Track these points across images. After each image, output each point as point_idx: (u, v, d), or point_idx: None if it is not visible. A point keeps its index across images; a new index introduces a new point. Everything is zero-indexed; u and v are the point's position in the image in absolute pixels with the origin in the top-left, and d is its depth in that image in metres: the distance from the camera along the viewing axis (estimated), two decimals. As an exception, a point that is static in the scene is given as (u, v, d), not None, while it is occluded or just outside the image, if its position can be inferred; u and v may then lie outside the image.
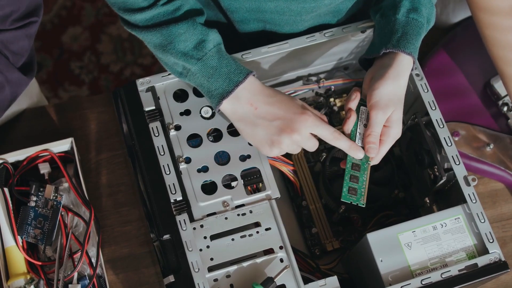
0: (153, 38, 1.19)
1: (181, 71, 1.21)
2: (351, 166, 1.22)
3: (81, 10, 2.71)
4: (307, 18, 1.32)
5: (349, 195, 1.21)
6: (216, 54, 1.19)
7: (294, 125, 1.17)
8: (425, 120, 1.29)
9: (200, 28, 1.19)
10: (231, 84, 1.17)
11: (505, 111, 1.51)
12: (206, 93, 1.20)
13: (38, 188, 1.31)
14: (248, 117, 1.19)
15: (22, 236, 1.29)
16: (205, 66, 1.18)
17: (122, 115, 1.27)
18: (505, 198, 1.49)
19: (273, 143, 1.18)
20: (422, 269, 1.19)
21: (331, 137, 1.18)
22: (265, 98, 1.19)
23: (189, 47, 1.18)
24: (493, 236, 1.20)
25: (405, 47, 1.20)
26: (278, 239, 1.19)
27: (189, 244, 1.16)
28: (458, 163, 1.24)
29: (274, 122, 1.18)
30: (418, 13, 1.23)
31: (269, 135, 1.18)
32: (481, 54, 1.51)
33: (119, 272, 1.37)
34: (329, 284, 1.17)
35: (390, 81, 1.19)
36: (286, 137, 1.17)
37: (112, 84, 2.61)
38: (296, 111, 1.17)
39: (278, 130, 1.17)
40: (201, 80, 1.19)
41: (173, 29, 1.18)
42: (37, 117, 1.48)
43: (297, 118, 1.17)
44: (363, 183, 1.21)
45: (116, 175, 1.44)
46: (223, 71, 1.18)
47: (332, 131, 1.18)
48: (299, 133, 1.17)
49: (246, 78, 1.18)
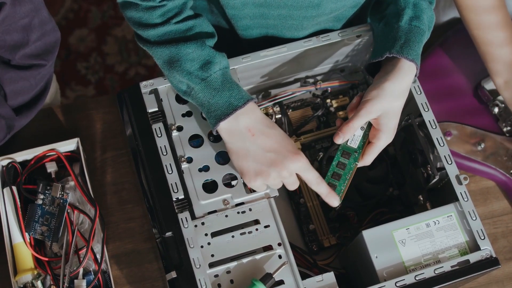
0: (162, 54, 1.20)
1: (185, 89, 1.21)
2: (337, 164, 1.21)
3: (87, 13, 2.71)
4: (308, 25, 1.31)
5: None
6: (220, 77, 1.18)
7: (286, 162, 1.16)
8: (418, 121, 1.29)
9: (208, 50, 1.19)
10: (230, 108, 1.16)
11: (496, 112, 1.51)
12: (206, 113, 1.19)
13: (45, 187, 1.30)
14: (243, 142, 1.17)
15: (30, 233, 1.29)
16: (208, 87, 1.18)
17: (126, 117, 1.26)
18: (496, 196, 1.49)
19: (260, 173, 1.17)
20: (416, 265, 1.18)
21: (314, 182, 1.18)
22: (264, 128, 1.18)
23: (195, 67, 1.18)
24: (484, 233, 1.20)
25: (408, 53, 1.19)
26: (276, 236, 1.18)
27: (190, 241, 1.15)
28: (450, 162, 1.24)
29: (267, 153, 1.16)
30: (420, 21, 1.23)
31: (259, 165, 1.17)
32: (473, 56, 1.50)
33: (123, 268, 1.36)
34: (326, 280, 1.16)
35: (386, 92, 1.18)
36: (275, 171, 1.16)
37: (117, 84, 2.61)
38: (291, 150, 1.17)
39: (270, 162, 1.16)
40: (203, 100, 1.18)
41: (182, 47, 1.18)
42: (44, 118, 1.47)
43: (291, 156, 1.16)
44: (344, 182, 1.20)
45: (120, 174, 1.43)
46: (224, 94, 1.17)
47: (317, 177, 1.18)
48: (288, 171, 1.16)
49: (245, 104, 1.17)
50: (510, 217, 1.47)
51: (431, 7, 1.27)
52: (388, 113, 1.19)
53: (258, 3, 1.25)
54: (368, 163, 1.23)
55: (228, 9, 1.28)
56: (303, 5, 1.25)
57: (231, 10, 1.28)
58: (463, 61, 1.57)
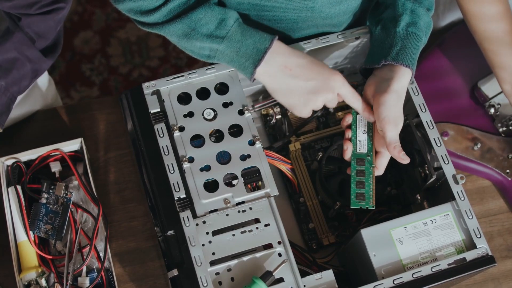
0: (176, 29, 1.19)
1: (208, 53, 1.21)
2: (356, 173, 1.21)
3: (91, 15, 2.71)
4: (304, 26, 1.32)
5: (357, 201, 1.21)
6: (238, 29, 1.18)
7: (329, 84, 1.19)
8: (415, 121, 1.28)
9: (217, 9, 1.19)
10: (260, 52, 1.17)
11: (492, 113, 1.51)
12: (238, 67, 1.20)
13: (49, 186, 1.30)
14: (284, 78, 1.19)
15: (34, 231, 1.28)
16: (231, 42, 1.18)
17: (129, 117, 1.26)
18: (492, 195, 1.49)
19: (308, 101, 1.20)
20: (413, 263, 1.18)
21: (351, 96, 1.21)
22: (297, 60, 1.19)
23: (211, 29, 1.18)
24: (480, 232, 1.19)
25: (404, 60, 1.20)
26: (276, 234, 1.18)
27: (192, 240, 1.15)
28: (447, 162, 1.24)
29: (309, 82, 1.18)
30: (417, 27, 1.23)
31: (305, 95, 1.19)
32: (470, 58, 1.50)
33: (126, 265, 1.36)
34: (325, 277, 1.16)
35: (395, 95, 1.19)
36: (321, 95, 1.19)
37: (121, 85, 2.60)
38: (327, 71, 1.19)
39: (314, 89, 1.19)
40: (231, 56, 1.19)
41: (192, 15, 1.18)
42: (48, 118, 1.47)
43: (330, 77, 1.19)
44: (370, 187, 1.20)
45: (123, 173, 1.43)
46: (249, 42, 1.17)
47: (354, 91, 1.22)
48: (333, 91, 1.19)
49: (272, 44, 1.17)
50: (506, 215, 1.47)
51: (428, 14, 1.27)
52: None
53: (253, 4, 1.25)
54: (382, 172, 1.24)
55: None
56: (297, 8, 1.25)
57: None
58: (460, 63, 1.56)
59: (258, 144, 1.24)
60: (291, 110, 1.23)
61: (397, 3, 1.25)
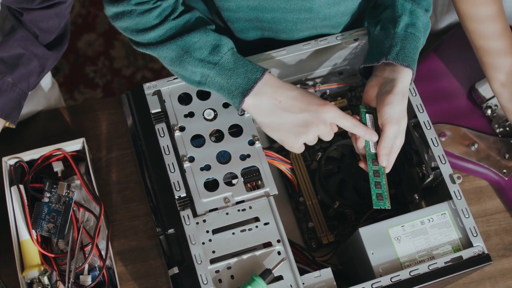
0: (169, 52, 1.18)
1: (199, 79, 1.19)
2: (373, 173, 1.19)
3: (95, 18, 2.71)
4: (302, 28, 1.31)
5: (378, 201, 1.18)
6: (231, 57, 1.17)
7: (320, 116, 1.15)
8: (413, 122, 1.28)
9: (212, 34, 1.18)
10: (250, 82, 1.15)
11: (489, 114, 1.51)
12: (227, 95, 1.17)
13: (52, 185, 1.30)
14: (273, 111, 1.17)
15: (37, 230, 1.28)
16: (222, 69, 1.16)
17: (130, 117, 1.26)
18: (489, 195, 1.48)
19: (299, 134, 1.16)
20: (411, 261, 1.18)
21: (351, 126, 1.17)
22: (287, 92, 1.16)
23: (205, 54, 1.16)
24: (477, 231, 1.19)
25: (404, 60, 1.19)
26: (275, 233, 1.18)
27: (192, 238, 1.15)
28: (444, 162, 1.23)
29: (298, 114, 1.16)
30: (416, 28, 1.22)
31: (296, 128, 1.16)
32: (467, 60, 1.50)
33: (128, 264, 1.36)
34: (324, 275, 1.16)
35: (400, 96, 1.17)
36: (312, 128, 1.16)
37: (125, 87, 2.61)
38: (319, 103, 1.15)
39: (305, 122, 1.15)
40: (221, 83, 1.17)
41: (187, 38, 1.16)
42: (51, 118, 1.47)
43: (322, 109, 1.15)
44: (384, 187, 1.19)
45: (125, 173, 1.43)
46: (240, 71, 1.16)
47: (352, 120, 1.17)
48: (325, 123, 1.16)
49: (263, 75, 1.16)
50: (503, 215, 1.47)
51: (427, 14, 1.26)
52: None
53: (252, 6, 1.25)
54: (389, 169, 1.21)
55: (224, 11, 1.28)
56: (296, 8, 1.25)
57: (226, 12, 1.28)
58: (457, 64, 1.56)
59: (258, 144, 1.24)
60: (282, 144, 1.20)
61: (396, 4, 1.24)
